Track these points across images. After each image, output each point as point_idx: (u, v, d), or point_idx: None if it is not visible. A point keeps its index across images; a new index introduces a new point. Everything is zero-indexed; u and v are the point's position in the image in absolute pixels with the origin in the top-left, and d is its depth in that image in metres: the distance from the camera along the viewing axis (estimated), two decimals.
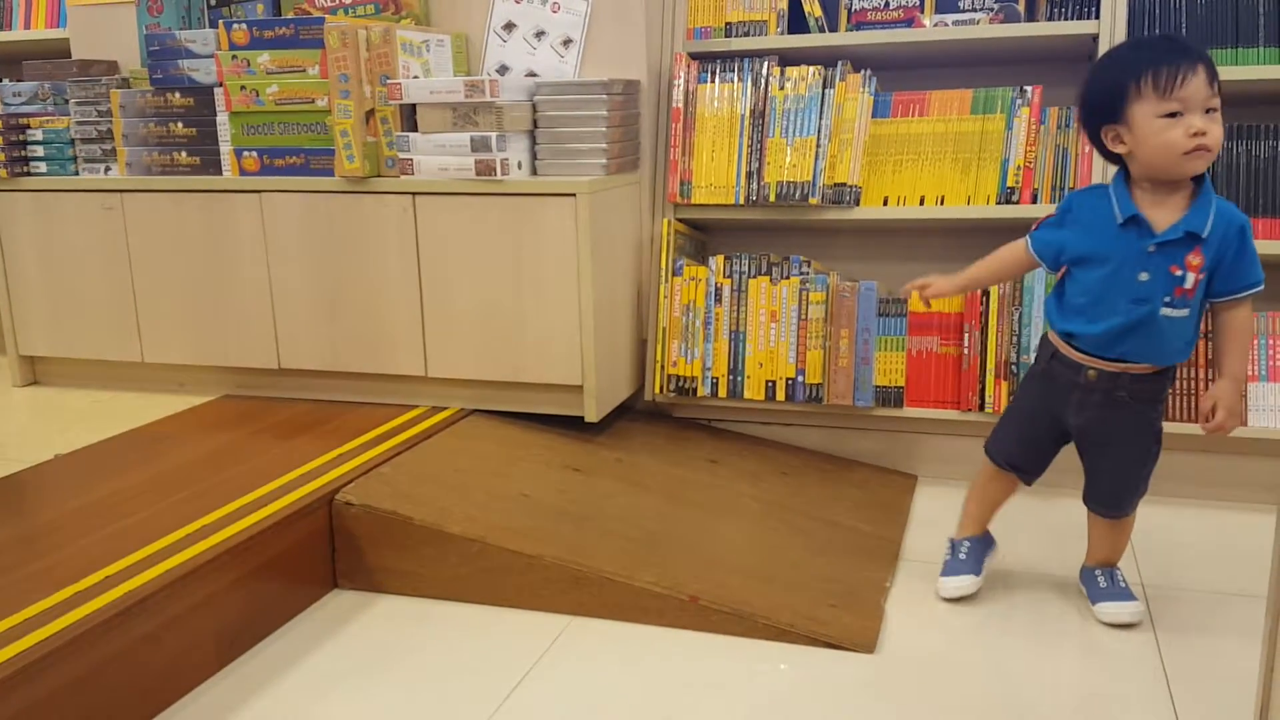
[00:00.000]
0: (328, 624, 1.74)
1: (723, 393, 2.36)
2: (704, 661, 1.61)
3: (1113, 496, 1.71)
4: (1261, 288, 1.58)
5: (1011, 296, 2.19)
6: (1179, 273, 1.55)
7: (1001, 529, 1.87)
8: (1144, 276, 1.56)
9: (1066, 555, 1.94)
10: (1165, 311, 1.56)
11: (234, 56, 2.30)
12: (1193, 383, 2.17)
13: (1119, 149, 1.57)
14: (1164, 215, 1.56)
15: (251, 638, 1.66)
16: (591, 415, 2.22)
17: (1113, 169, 1.64)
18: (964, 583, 1.78)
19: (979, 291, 2.21)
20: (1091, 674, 1.57)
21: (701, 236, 2.55)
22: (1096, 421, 1.66)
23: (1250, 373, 2.14)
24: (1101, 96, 1.57)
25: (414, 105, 2.21)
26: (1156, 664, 1.58)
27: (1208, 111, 1.50)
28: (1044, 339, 1.73)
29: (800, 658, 1.61)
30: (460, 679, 1.57)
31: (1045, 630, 1.69)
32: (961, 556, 1.81)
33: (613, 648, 1.65)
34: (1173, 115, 1.50)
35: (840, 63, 2.30)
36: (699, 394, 2.38)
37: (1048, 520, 2.11)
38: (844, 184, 2.27)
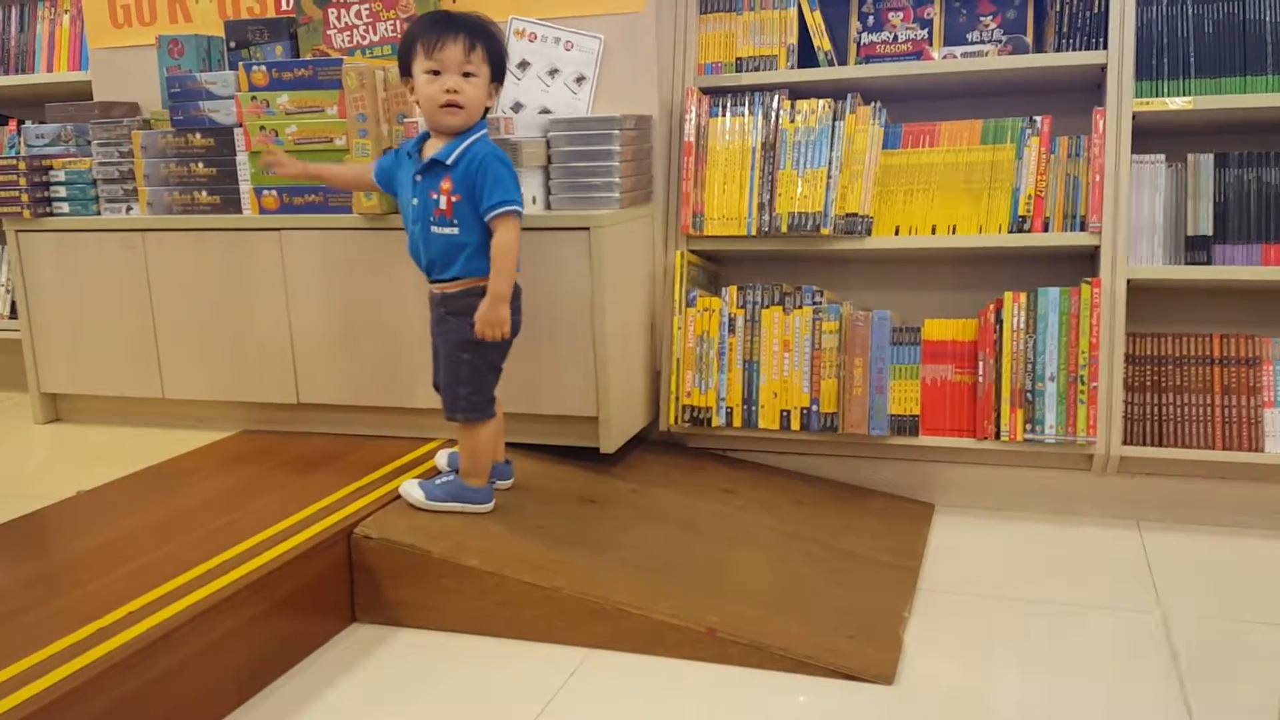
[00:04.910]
0: (347, 658, 1.75)
1: (737, 422, 2.37)
2: (722, 694, 1.61)
3: (442, 399, 1.97)
4: (502, 210, 1.82)
5: (1026, 325, 2.20)
6: (435, 197, 1.86)
7: (1020, 558, 1.85)
8: (415, 201, 1.89)
9: (1087, 586, 1.93)
10: (435, 230, 1.87)
11: (253, 97, 2.34)
12: (1209, 409, 2.17)
13: (413, 99, 1.90)
14: (429, 152, 1.89)
15: (272, 672, 1.67)
16: (606, 446, 2.23)
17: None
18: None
19: (992, 319, 2.21)
20: (1112, 705, 1.56)
21: (714, 268, 2.57)
22: (434, 335, 1.96)
23: (1266, 399, 2.14)
24: (401, 55, 1.90)
25: None
26: (1177, 692, 1.57)
27: (466, 75, 1.82)
28: None
29: (819, 689, 1.61)
30: (479, 712, 1.58)
31: (1066, 661, 1.68)
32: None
33: (631, 681, 1.65)
34: (435, 74, 1.82)
35: (850, 95, 2.32)
36: (713, 424, 2.38)
37: (1069, 551, 2.11)
38: (855, 214, 2.29)
